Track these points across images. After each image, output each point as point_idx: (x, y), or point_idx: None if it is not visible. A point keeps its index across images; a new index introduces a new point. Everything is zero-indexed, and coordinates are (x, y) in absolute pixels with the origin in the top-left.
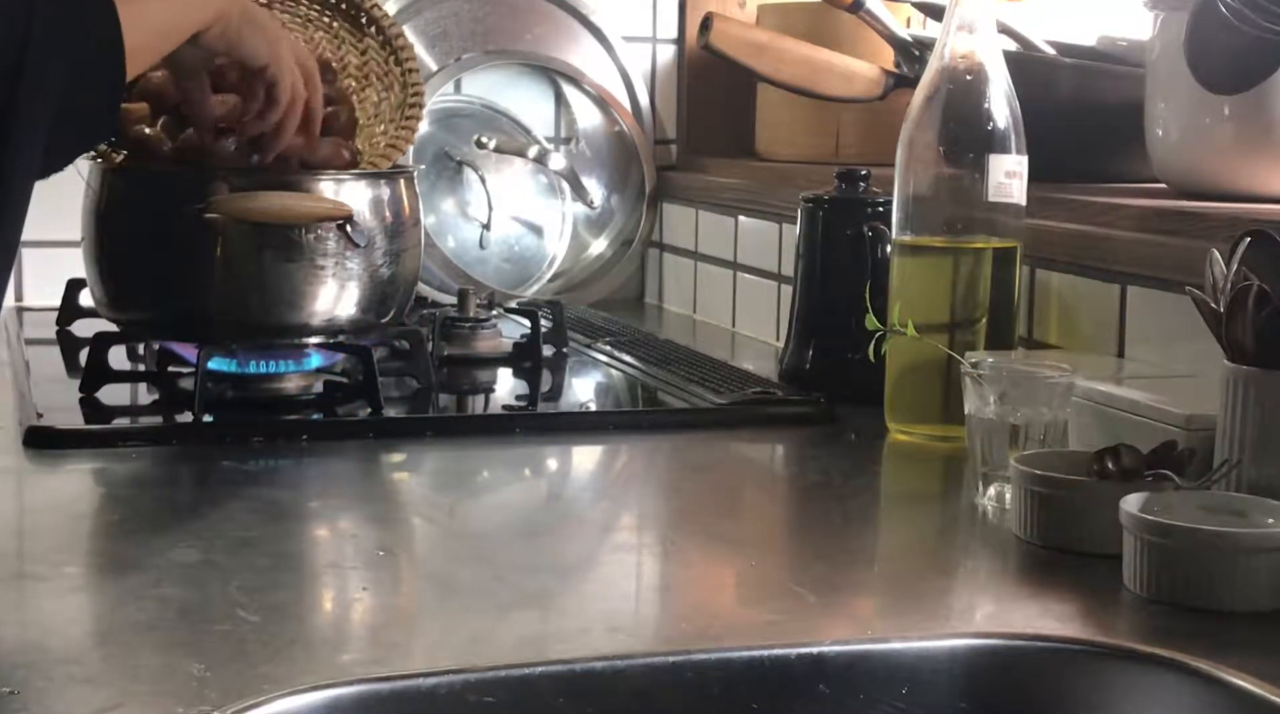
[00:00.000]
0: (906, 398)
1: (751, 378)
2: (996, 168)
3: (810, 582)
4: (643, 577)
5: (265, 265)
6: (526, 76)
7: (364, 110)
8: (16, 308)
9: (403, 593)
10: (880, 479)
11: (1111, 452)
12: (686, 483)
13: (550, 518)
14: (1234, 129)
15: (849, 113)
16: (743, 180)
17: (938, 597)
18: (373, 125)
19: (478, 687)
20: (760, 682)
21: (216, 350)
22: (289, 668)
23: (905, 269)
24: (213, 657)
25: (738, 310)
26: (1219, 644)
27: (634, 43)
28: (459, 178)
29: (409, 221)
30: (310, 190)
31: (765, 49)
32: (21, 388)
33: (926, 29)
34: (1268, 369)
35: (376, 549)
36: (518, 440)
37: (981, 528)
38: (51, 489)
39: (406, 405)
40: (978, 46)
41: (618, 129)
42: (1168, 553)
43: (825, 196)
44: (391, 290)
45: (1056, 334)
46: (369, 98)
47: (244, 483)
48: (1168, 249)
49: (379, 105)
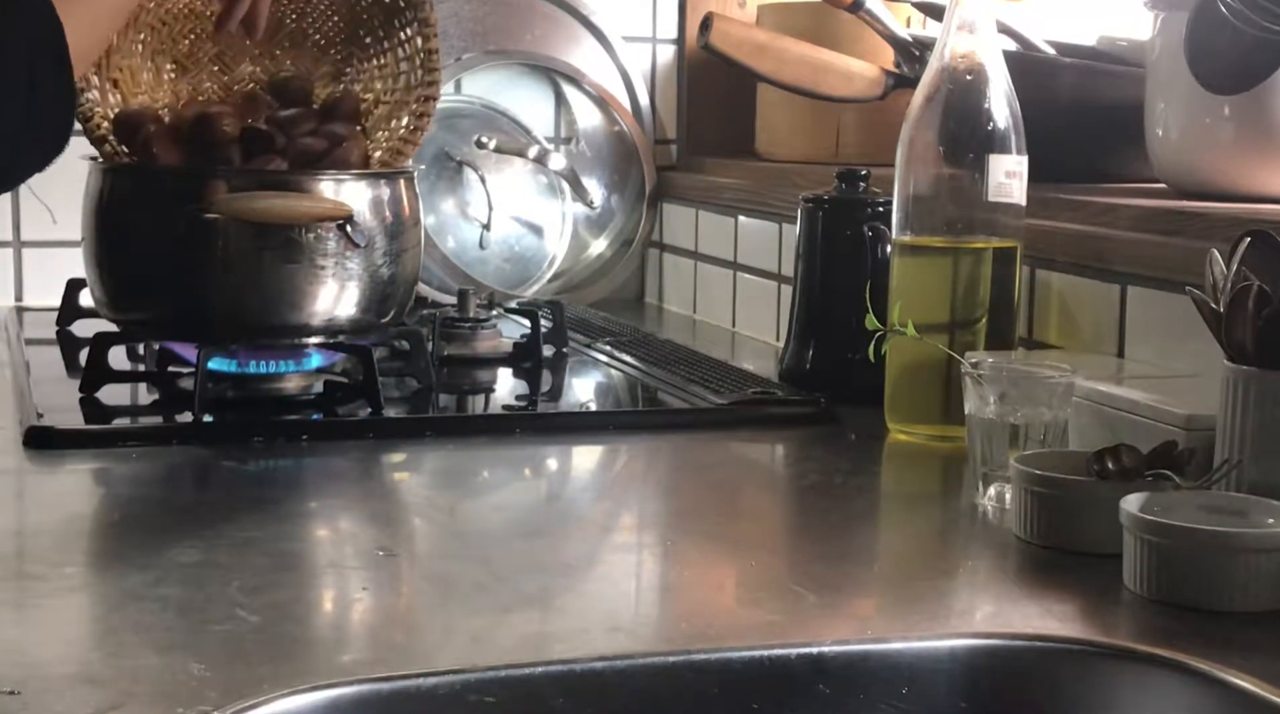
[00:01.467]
0: (906, 398)
1: (751, 378)
2: (996, 168)
3: (810, 582)
4: (643, 577)
5: (265, 265)
6: (526, 76)
7: (377, 88)
8: (16, 308)
9: (403, 593)
10: (880, 479)
11: (1111, 452)
12: (686, 483)
13: (550, 518)
14: (1234, 129)
15: (849, 113)
16: (743, 180)
17: (938, 597)
18: (389, 107)
19: (478, 687)
20: (760, 682)
21: (216, 350)
22: (289, 668)
23: (905, 269)
24: (213, 657)
25: (738, 310)
26: (1219, 644)
27: (634, 43)
28: (459, 178)
29: (409, 221)
30: (310, 190)
31: (765, 49)
32: (21, 388)
33: (926, 29)
34: (1268, 369)
35: (376, 549)
36: (518, 440)
37: (981, 528)
38: (51, 489)
39: (406, 405)
40: (978, 46)
41: (618, 129)
42: (1168, 553)
43: (825, 196)
44: (391, 290)
45: (1056, 334)
46: (386, 70)
47: (244, 483)
48: (1168, 249)
49: (394, 83)
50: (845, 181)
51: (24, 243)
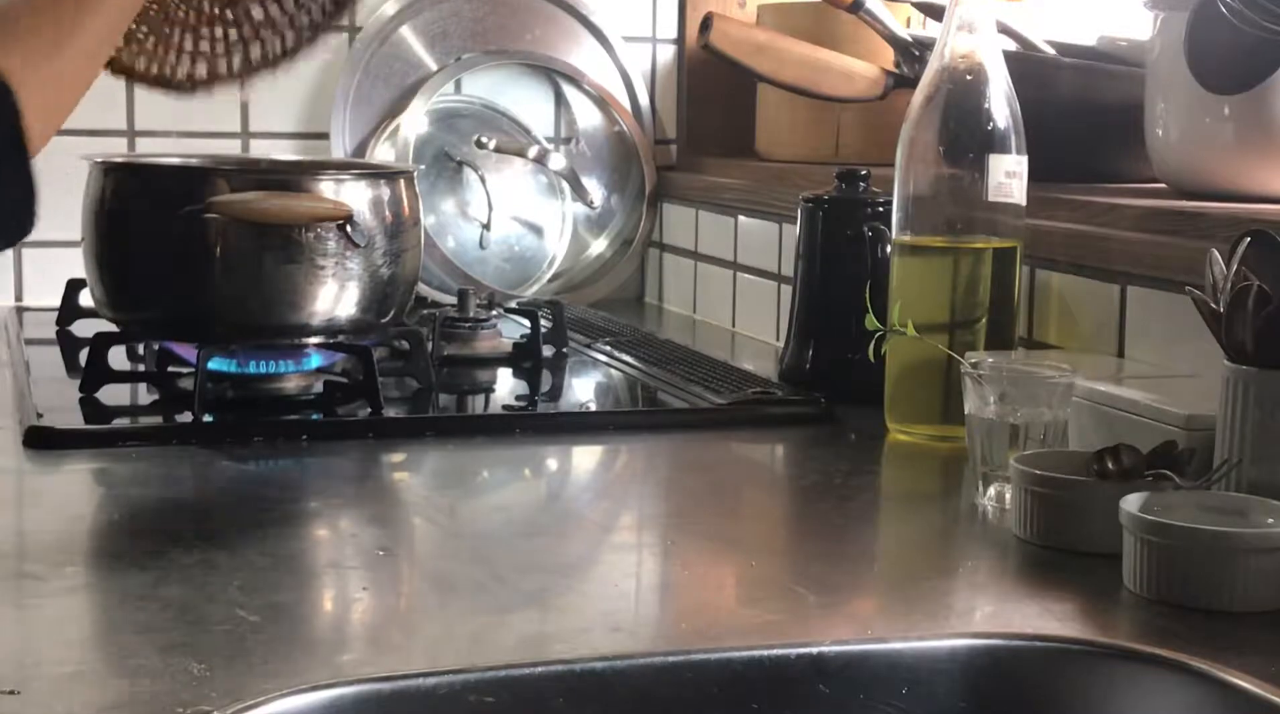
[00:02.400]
0: (906, 398)
1: (751, 378)
2: (996, 168)
3: (810, 582)
4: (643, 577)
5: (265, 265)
6: (526, 76)
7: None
8: (16, 308)
9: (403, 593)
10: (880, 479)
11: (1111, 452)
12: (686, 483)
13: (550, 518)
14: (1234, 129)
15: (849, 113)
16: (743, 180)
17: (938, 597)
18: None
19: (478, 687)
20: (760, 682)
21: (216, 350)
22: (289, 668)
23: (905, 269)
24: (213, 657)
25: (738, 310)
26: (1219, 644)
27: (634, 43)
28: (459, 178)
29: (409, 221)
30: (310, 190)
31: (765, 49)
32: (21, 388)
33: (926, 29)
34: (1268, 369)
35: (376, 549)
36: (518, 440)
37: (981, 528)
38: (51, 489)
39: (406, 405)
40: (978, 46)
41: (618, 129)
42: (1168, 553)
43: (825, 196)
44: (391, 290)
45: (1056, 334)
46: None
47: (244, 483)
48: (1168, 249)
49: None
50: (845, 181)
51: (24, 243)
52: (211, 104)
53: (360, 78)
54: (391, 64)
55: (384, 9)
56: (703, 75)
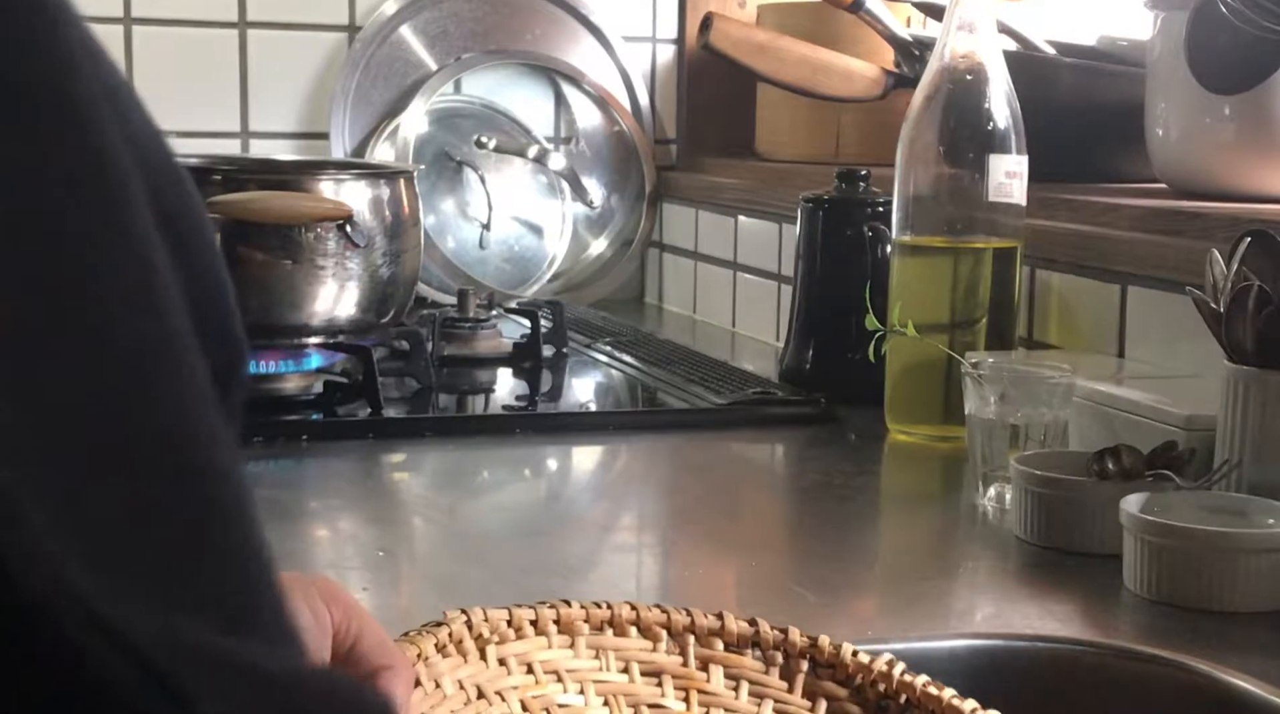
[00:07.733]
0: (906, 398)
1: (751, 378)
2: (996, 168)
3: (810, 582)
4: (643, 577)
5: (265, 265)
6: (526, 76)
7: None
8: None
9: (403, 593)
10: (880, 479)
11: (1111, 452)
12: (686, 483)
13: (550, 518)
14: (1234, 129)
15: (849, 113)
16: (743, 180)
17: (938, 597)
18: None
19: None
20: None
21: None
22: None
23: (905, 269)
24: None
25: (738, 310)
26: (1219, 644)
27: (634, 43)
28: (459, 178)
29: (409, 221)
30: (310, 190)
31: (765, 49)
32: None
33: (926, 29)
34: (1268, 369)
35: (376, 549)
36: (518, 440)
37: (981, 528)
38: None
39: (406, 405)
40: (978, 46)
41: (618, 129)
42: (1168, 553)
43: (825, 196)
44: (391, 290)
45: (1056, 334)
46: None
47: None
48: (1168, 249)
49: None
50: (845, 181)
51: None
52: (211, 104)
53: (360, 78)
54: (391, 64)
55: (384, 9)
56: (703, 75)
